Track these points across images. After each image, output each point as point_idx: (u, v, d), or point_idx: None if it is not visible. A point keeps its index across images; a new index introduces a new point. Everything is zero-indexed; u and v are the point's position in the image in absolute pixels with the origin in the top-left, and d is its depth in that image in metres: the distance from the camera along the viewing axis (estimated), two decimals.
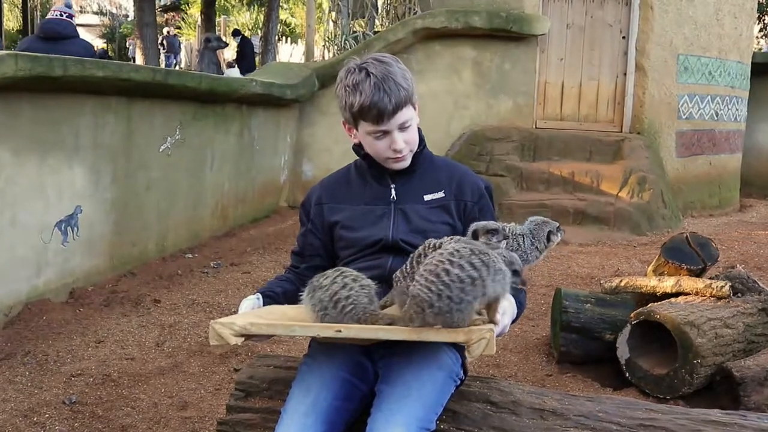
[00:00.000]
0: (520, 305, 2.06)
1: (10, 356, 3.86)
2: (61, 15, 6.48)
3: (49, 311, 4.44)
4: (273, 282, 2.27)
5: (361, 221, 2.17)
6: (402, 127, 2.11)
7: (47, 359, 3.85)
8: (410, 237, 2.10)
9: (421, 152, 2.21)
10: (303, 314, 1.99)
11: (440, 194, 2.19)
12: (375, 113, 2.06)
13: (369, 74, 2.07)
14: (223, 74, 11.93)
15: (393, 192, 2.18)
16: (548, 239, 2.17)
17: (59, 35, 6.21)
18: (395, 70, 2.10)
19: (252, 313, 2.04)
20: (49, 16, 6.70)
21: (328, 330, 1.83)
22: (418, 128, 2.20)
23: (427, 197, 2.18)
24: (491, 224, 2.07)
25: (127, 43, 25.41)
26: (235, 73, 12.17)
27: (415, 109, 2.16)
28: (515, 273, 1.87)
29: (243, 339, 1.84)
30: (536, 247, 2.15)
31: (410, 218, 2.15)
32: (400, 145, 2.11)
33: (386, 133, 2.10)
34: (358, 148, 2.22)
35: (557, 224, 2.21)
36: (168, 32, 24.20)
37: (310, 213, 2.27)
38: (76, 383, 3.59)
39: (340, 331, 1.79)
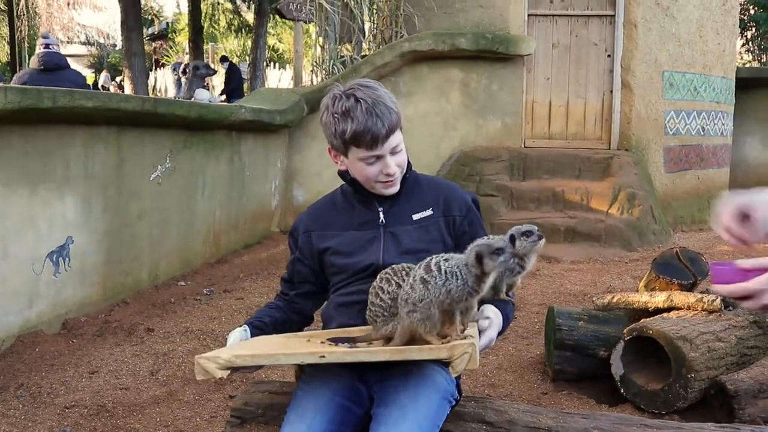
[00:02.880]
0: (507, 318, 2.08)
1: (3, 389, 3.83)
2: (56, 47, 7.25)
3: (42, 343, 4.42)
4: (262, 311, 2.28)
5: (351, 247, 2.17)
6: (394, 151, 2.13)
7: (41, 391, 3.83)
8: (401, 259, 2.10)
9: (408, 174, 2.23)
10: (290, 343, 2.01)
11: (428, 212, 2.20)
12: (369, 139, 2.07)
13: (358, 100, 2.07)
14: (213, 101, 11.94)
15: (381, 215, 2.19)
16: (513, 242, 2.05)
17: (58, 66, 6.97)
18: (383, 94, 2.11)
19: (239, 345, 2.05)
20: (42, 48, 7.21)
21: (311, 357, 1.84)
22: None
23: (415, 216, 2.19)
24: (496, 242, 2.04)
25: (100, 76, 25.21)
26: (204, 94, 12.12)
27: (401, 132, 2.18)
28: (498, 251, 1.90)
29: (229, 372, 1.85)
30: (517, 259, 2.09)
31: (400, 240, 2.15)
32: (393, 169, 2.13)
33: (379, 158, 2.11)
34: (344, 173, 2.23)
35: (525, 229, 2.09)
36: (187, 63, 24.15)
37: (298, 241, 2.27)
38: (70, 415, 3.57)
39: (323, 356, 1.81)
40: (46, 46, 7.15)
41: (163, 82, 24.59)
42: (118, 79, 25.02)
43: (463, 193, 2.28)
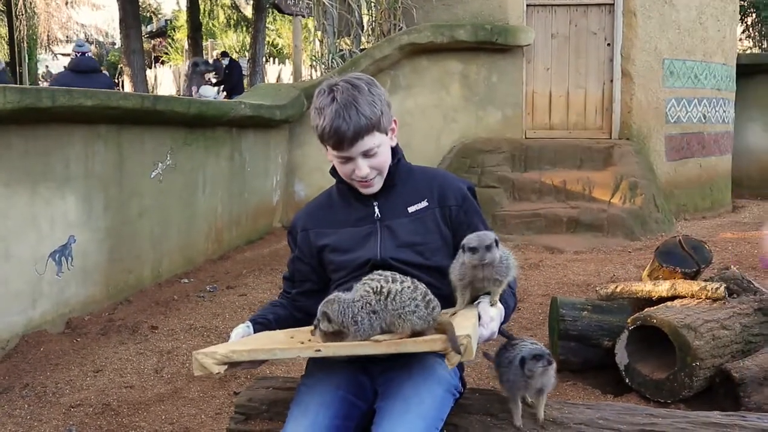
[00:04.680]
0: (507, 306, 2.07)
1: (8, 389, 3.83)
2: (90, 53, 8.60)
3: (46, 342, 4.42)
4: (265, 308, 2.27)
5: (349, 243, 2.16)
6: (367, 154, 2.09)
7: (46, 391, 3.83)
8: (398, 253, 2.09)
9: (398, 165, 2.19)
10: (290, 339, 1.99)
11: (424, 203, 2.17)
12: (335, 140, 2.06)
13: (334, 99, 2.05)
14: (217, 98, 11.88)
15: (376, 210, 2.17)
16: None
17: (94, 69, 8.39)
18: (362, 98, 2.06)
19: (238, 341, 2.04)
20: (78, 52, 8.58)
21: (308, 351, 1.83)
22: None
23: (411, 209, 2.16)
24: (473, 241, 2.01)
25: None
26: (209, 91, 12.06)
27: (387, 133, 2.13)
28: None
29: (226, 367, 1.85)
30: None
31: (397, 234, 2.13)
32: (364, 171, 2.09)
33: (349, 159, 2.09)
34: (334, 170, 2.22)
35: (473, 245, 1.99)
36: (218, 56, 23.96)
37: (296, 239, 2.26)
38: (75, 414, 3.57)
39: (320, 350, 1.80)
40: (82, 54, 8.44)
41: (162, 79, 24.55)
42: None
43: (458, 181, 2.25)
